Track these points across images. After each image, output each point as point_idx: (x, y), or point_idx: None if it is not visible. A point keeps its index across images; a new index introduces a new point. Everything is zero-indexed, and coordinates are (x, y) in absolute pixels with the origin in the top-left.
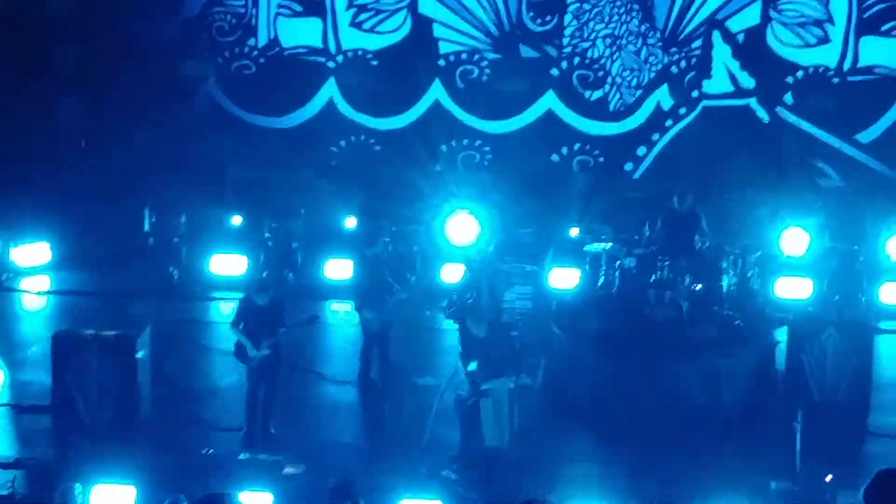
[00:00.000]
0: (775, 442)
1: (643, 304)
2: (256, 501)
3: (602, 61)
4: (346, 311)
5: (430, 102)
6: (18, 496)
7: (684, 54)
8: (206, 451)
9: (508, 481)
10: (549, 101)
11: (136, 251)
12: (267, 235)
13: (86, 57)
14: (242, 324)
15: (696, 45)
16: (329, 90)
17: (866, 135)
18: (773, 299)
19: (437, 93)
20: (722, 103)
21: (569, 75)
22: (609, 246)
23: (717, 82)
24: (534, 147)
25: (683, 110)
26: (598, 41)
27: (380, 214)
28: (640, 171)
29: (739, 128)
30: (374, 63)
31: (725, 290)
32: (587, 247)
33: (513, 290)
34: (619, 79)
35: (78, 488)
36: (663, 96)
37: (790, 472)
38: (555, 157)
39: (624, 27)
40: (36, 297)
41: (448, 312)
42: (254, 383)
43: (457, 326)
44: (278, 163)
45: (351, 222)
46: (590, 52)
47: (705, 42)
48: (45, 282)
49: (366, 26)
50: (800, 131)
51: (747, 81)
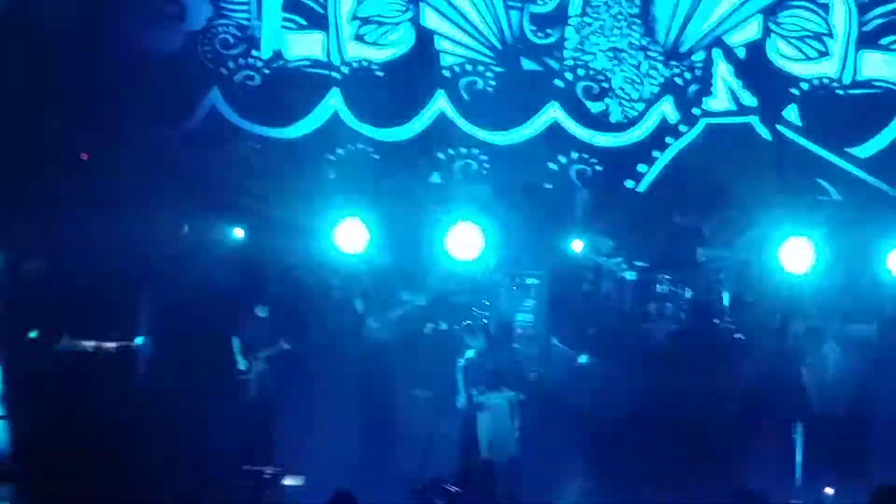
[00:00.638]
0: (775, 456)
1: (644, 316)
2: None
3: (605, 73)
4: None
5: (435, 114)
6: None
7: (686, 67)
8: None
9: (508, 494)
10: (553, 113)
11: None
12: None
13: (86, 70)
14: (241, 337)
15: (697, 58)
16: (333, 101)
17: (865, 150)
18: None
19: (441, 104)
20: (724, 121)
21: (573, 87)
22: (610, 259)
23: (719, 99)
24: (533, 156)
25: (685, 127)
26: (600, 54)
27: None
28: (642, 186)
29: (741, 144)
30: (379, 74)
31: (726, 303)
32: (588, 259)
33: (514, 303)
34: (620, 92)
35: None
36: (667, 109)
37: (790, 485)
38: (553, 165)
39: (626, 40)
40: None
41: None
42: (254, 395)
43: (458, 339)
44: (281, 174)
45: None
46: (592, 64)
47: (707, 59)
48: None
49: (368, 39)
50: (800, 147)
51: (749, 100)
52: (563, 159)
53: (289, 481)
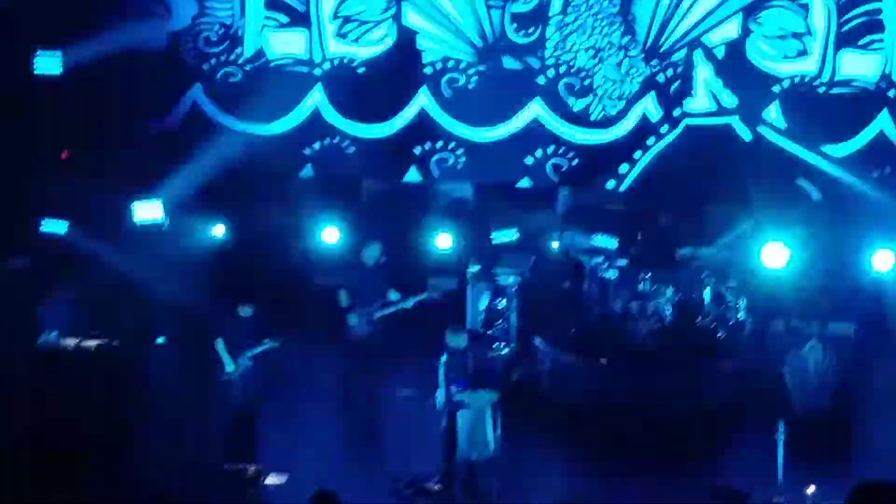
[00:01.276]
0: (757, 455)
1: (625, 315)
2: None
3: (586, 71)
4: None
5: (417, 110)
6: None
7: (666, 66)
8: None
9: (489, 492)
10: (535, 110)
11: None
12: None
13: (69, 67)
14: (225, 337)
15: (677, 57)
16: (314, 97)
17: (843, 149)
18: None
19: (422, 100)
20: (704, 121)
21: (554, 84)
22: (592, 258)
23: (700, 100)
24: (509, 150)
25: (666, 128)
26: (581, 52)
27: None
28: (623, 187)
29: (721, 144)
30: (360, 71)
31: (707, 302)
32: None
33: (494, 301)
34: (601, 90)
35: None
36: (649, 107)
37: (772, 483)
38: (529, 159)
39: (606, 39)
40: None
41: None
42: (238, 394)
43: (440, 338)
44: (261, 170)
45: (332, 234)
46: (573, 62)
47: (687, 60)
48: None
49: (351, 37)
50: (780, 148)
51: (729, 100)
52: (539, 153)
53: (271, 480)
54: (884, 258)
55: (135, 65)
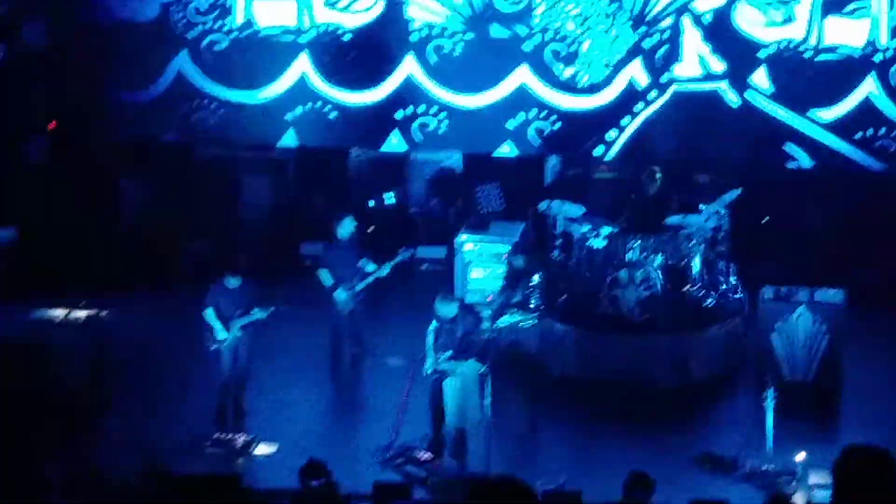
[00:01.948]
0: (747, 422)
1: (614, 283)
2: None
3: (573, 38)
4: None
5: (403, 77)
6: None
7: (654, 32)
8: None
9: (478, 461)
10: (521, 76)
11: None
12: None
13: (55, 38)
14: (214, 307)
15: (664, 25)
16: (300, 64)
17: (830, 113)
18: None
19: (409, 67)
20: (692, 88)
21: (541, 50)
22: (580, 226)
23: (687, 66)
24: (493, 114)
25: (654, 94)
26: (569, 20)
27: (347, 198)
28: (611, 153)
29: (710, 111)
30: (347, 38)
31: (696, 270)
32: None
33: (485, 272)
34: (588, 57)
35: None
36: (636, 73)
37: (761, 450)
38: (511, 123)
39: (593, 7)
40: None
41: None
42: (227, 364)
43: (428, 308)
44: (246, 140)
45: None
46: (560, 30)
47: (675, 25)
48: None
49: (339, 6)
50: (768, 114)
51: (717, 65)
52: (521, 117)
53: (261, 450)
54: None
55: (122, 35)
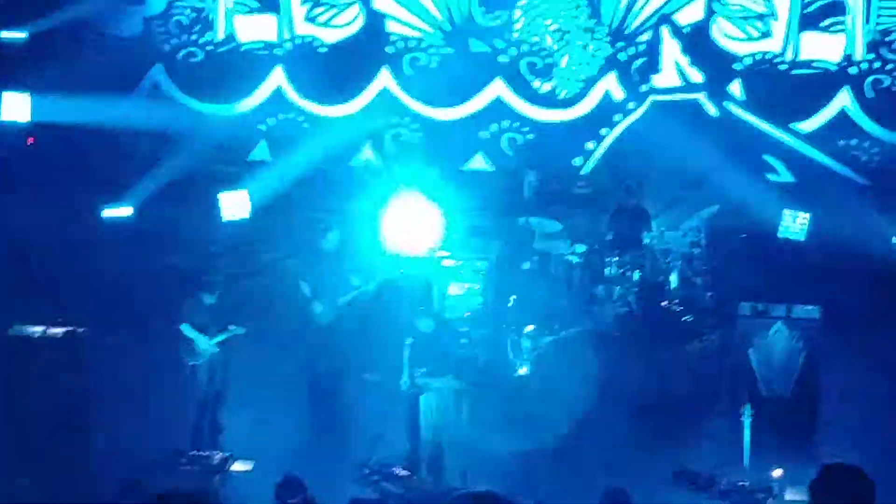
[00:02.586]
0: (724, 438)
1: (592, 299)
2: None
3: (550, 51)
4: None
5: (379, 89)
6: None
7: (631, 45)
8: None
9: (454, 477)
10: (497, 88)
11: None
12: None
13: (36, 47)
14: (190, 322)
15: (642, 39)
16: (277, 77)
17: (808, 126)
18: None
19: (385, 80)
20: (671, 99)
21: (517, 63)
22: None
23: (666, 76)
24: (466, 124)
25: (632, 105)
26: (547, 35)
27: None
28: (589, 165)
29: (689, 123)
30: (323, 51)
31: (674, 285)
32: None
33: (463, 287)
34: (564, 71)
35: None
36: (611, 85)
37: (738, 466)
38: (484, 133)
39: (573, 22)
40: None
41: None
42: (203, 381)
43: (406, 323)
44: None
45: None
46: (538, 44)
47: (653, 37)
48: None
49: (319, 21)
50: (748, 126)
51: (696, 76)
52: (494, 128)
53: (237, 466)
54: None
55: (103, 49)
